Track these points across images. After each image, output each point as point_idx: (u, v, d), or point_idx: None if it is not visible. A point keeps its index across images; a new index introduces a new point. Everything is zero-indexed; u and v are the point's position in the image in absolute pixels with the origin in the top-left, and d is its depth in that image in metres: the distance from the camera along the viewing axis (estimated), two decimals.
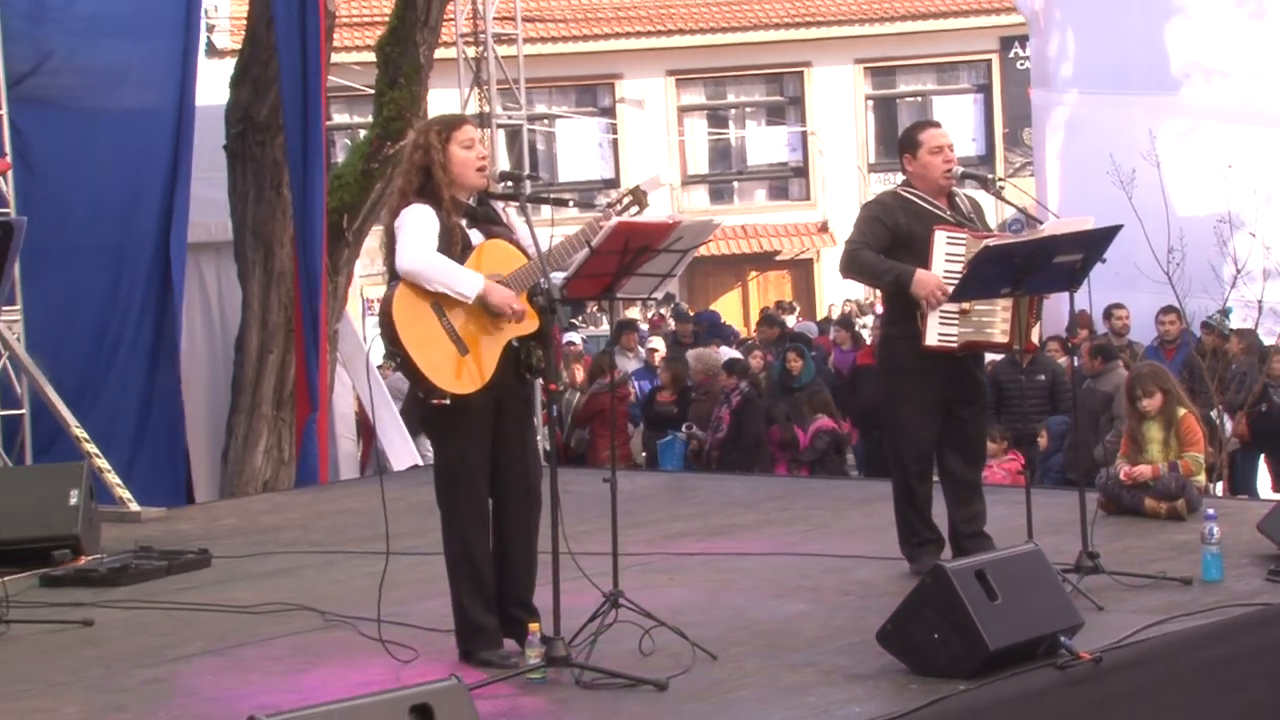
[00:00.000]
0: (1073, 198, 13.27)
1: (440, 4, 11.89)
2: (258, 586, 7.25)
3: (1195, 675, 5.58)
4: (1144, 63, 13.75)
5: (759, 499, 9.22)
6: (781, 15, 27.86)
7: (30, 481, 8.40)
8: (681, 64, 27.62)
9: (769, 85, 28.38)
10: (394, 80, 11.78)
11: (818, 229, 27.56)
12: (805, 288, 27.60)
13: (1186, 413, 8.00)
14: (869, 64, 27.97)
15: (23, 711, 5.13)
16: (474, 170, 5.54)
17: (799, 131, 28.06)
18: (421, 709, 3.96)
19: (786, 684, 5.21)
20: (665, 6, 27.89)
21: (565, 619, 5.30)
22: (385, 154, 11.73)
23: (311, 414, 11.16)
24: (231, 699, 5.39)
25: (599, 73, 27.18)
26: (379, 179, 11.77)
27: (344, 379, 12.37)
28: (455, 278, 5.39)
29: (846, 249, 6.82)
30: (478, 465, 5.54)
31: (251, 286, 11.29)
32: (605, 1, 27.80)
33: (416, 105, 11.77)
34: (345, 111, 22.47)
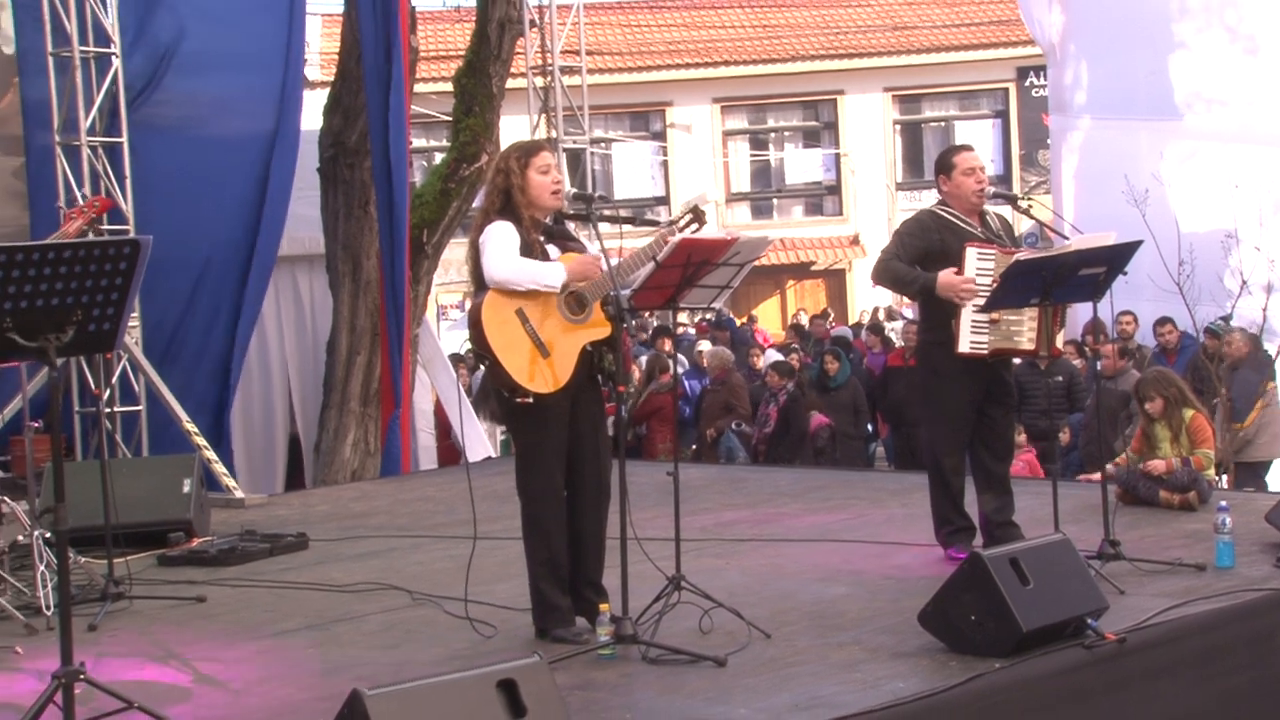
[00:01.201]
0: (1086, 214, 13.16)
1: (511, 39, 11.93)
2: (350, 567, 7.27)
3: (1212, 654, 5.53)
4: (1151, 92, 13.65)
5: (804, 490, 9.16)
6: (817, 48, 27.81)
7: (148, 471, 8.43)
8: (726, 92, 27.60)
9: (805, 111, 28.29)
10: (469, 108, 11.82)
11: (850, 242, 27.52)
12: (838, 295, 27.52)
13: (1195, 413, 7.92)
14: (896, 92, 27.85)
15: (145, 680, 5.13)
16: (549, 193, 5.51)
17: (832, 153, 27.99)
18: (507, 684, 3.95)
19: (835, 661, 5.16)
20: (711, 41, 27.89)
21: (631, 599, 5.28)
22: (461, 175, 11.78)
23: (395, 410, 11.20)
24: (332, 670, 5.40)
25: (651, 100, 27.17)
26: (455, 198, 11.82)
27: (423, 378, 12.40)
28: (541, 273, 5.38)
29: (880, 259, 6.77)
30: (555, 458, 5.52)
31: (341, 295, 11.33)
32: (657, 37, 27.83)
33: (490, 131, 11.81)
34: (423, 136, 22.53)
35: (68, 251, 4.46)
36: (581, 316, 5.48)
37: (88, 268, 4.48)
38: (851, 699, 4.66)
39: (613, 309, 5.37)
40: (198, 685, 5.27)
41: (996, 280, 6.23)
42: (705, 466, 11.39)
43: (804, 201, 28.39)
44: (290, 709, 4.91)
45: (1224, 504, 6.48)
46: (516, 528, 5.75)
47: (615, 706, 4.69)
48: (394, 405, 11.17)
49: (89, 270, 4.48)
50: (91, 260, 4.49)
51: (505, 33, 11.78)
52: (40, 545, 6.50)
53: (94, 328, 4.59)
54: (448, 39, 20.37)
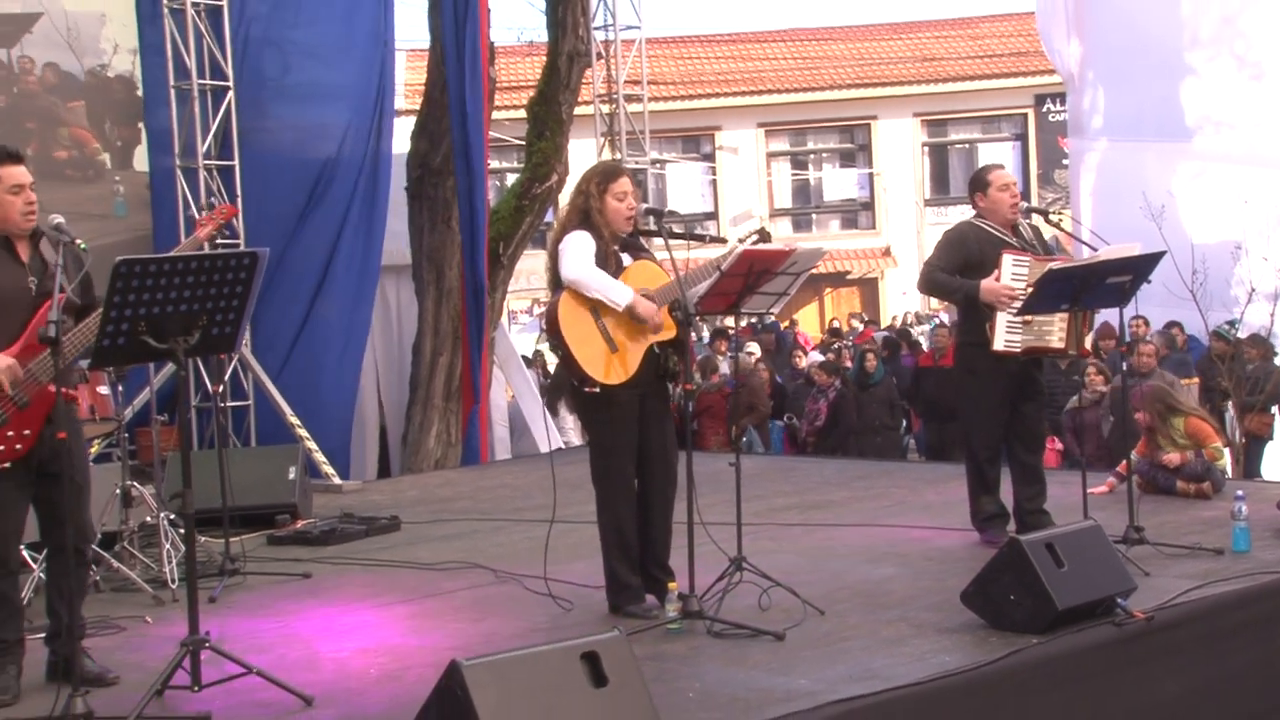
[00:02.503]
0: (1102, 228, 12.86)
1: (579, 71, 11.90)
2: (438, 547, 7.26)
3: (1232, 631, 5.45)
4: (1163, 116, 13.45)
5: (848, 479, 9.08)
6: (852, 78, 27.68)
7: (257, 460, 8.49)
8: (769, 118, 27.51)
9: (841, 135, 28.19)
10: (541, 133, 11.80)
11: (882, 253, 27.38)
12: (871, 302, 27.38)
13: (1187, 418, 7.78)
14: (925, 117, 27.69)
15: (260, 647, 5.14)
16: (624, 218, 5.46)
17: (866, 173, 27.87)
18: (591, 656, 3.91)
19: (885, 636, 5.10)
20: (756, 72, 27.83)
21: (696, 578, 5.25)
22: (533, 193, 11.76)
23: (474, 405, 11.20)
24: (426, 641, 5.40)
25: (702, 125, 27.11)
26: (528, 214, 11.80)
27: (499, 377, 12.39)
28: (610, 289, 5.35)
29: (924, 270, 6.68)
30: (626, 450, 5.49)
31: (426, 302, 11.33)
32: (708, 68, 27.79)
33: (559, 153, 11.79)
34: (499, 159, 22.58)
35: (194, 263, 4.48)
36: None
37: (212, 277, 4.50)
38: (902, 671, 4.61)
39: (680, 314, 5.33)
40: (307, 653, 5.28)
41: (1030, 285, 6.15)
42: (756, 457, 11.32)
43: (840, 216, 28.28)
44: (390, 676, 4.90)
45: (1240, 493, 6.42)
46: (589, 512, 5.74)
47: (684, 676, 4.65)
48: (473, 401, 11.17)
49: (213, 280, 4.50)
50: (215, 270, 4.50)
51: (574, 65, 11.75)
52: (166, 526, 6.55)
53: (217, 331, 4.61)
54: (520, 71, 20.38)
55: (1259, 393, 10.73)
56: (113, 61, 9.98)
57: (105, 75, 10.05)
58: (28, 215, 4.69)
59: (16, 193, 4.68)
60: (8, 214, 4.67)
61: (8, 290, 4.66)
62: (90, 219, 9.35)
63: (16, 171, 4.69)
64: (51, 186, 8.73)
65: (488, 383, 11.49)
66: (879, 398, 12.58)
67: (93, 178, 9.75)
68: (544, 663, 3.86)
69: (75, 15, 9.42)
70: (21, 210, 4.68)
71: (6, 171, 4.67)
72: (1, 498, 4.70)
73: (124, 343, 4.41)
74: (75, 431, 4.91)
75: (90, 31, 9.61)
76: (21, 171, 4.71)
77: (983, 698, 4.60)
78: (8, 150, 4.74)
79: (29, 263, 4.73)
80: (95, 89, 9.90)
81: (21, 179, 4.69)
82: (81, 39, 9.54)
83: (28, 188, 4.70)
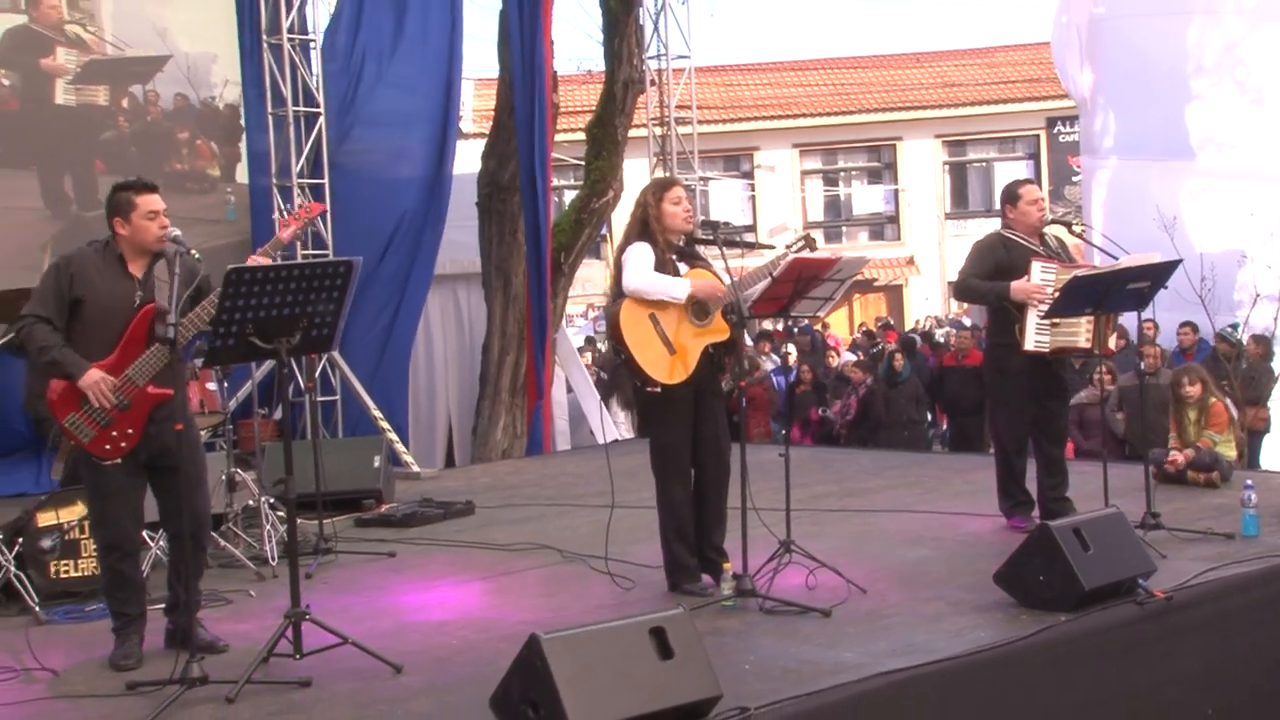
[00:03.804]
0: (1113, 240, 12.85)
1: (634, 96, 11.87)
2: (509, 530, 7.24)
3: (1245, 610, 5.37)
4: (1169, 136, 13.25)
5: (882, 468, 9.00)
6: (880, 102, 27.49)
7: (345, 450, 8.50)
8: (803, 139, 27.36)
9: (869, 154, 28.01)
10: (599, 153, 11.77)
11: (906, 262, 27.18)
12: (897, 307, 27.17)
13: (1217, 401, 7.72)
14: (945, 138, 27.45)
15: (352, 619, 5.13)
16: (680, 220, 5.43)
17: (892, 189, 27.68)
18: (658, 631, 3.87)
19: (924, 613, 5.04)
20: (792, 97, 27.70)
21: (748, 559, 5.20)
22: (591, 208, 11.73)
23: (538, 400, 11.19)
24: (502, 614, 5.39)
25: (741, 146, 26.99)
26: (587, 226, 11.77)
27: (559, 375, 12.39)
28: (670, 286, 5.32)
29: (959, 278, 6.61)
30: (683, 441, 5.45)
31: (494, 306, 11.34)
32: (747, 94, 27.69)
33: (615, 172, 11.76)
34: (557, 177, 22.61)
35: (296, 270, 4.48)
36: (705, 322, 5.40)
37: (312, 283, 4.50)
38: (941, 645, 4.55)
39: (734, 317, 5.29)
40: (395, 625, 5.28)
41: (1057, 289, 6.07)
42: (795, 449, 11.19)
43: (868, 229, 28.10)
44: (471, 647, 4.88)
45: (1250, 482, 6.31)
46: (644, 499, 5.71)
47: (740, 650, 4.61)
48: (537, 396, 11.17)
49: (313, 285, 4.50)
50: (315, 277, 4.51)
51: (629, 91, 11.71)
52: (266, 509, 6.58)
53: (316, 333, 4.61)
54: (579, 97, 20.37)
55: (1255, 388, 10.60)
56: (221, 93, 10.25)
57: (214, 105, 10.31)
58: (160, 238, 4.73)
59: (152, 218, 4.72)
60: (144, 236, 4.72)
61: (116, 301, 4.68)
62: (206, 223, 9.74)
63: (153, 199, 4.74)
64: (173, 197, 9.12)
65: (550, 380, 11.49)
66: (906, 394, 12.48)
67: (206, 189, 10.04)
68: (615, 636, 3.83)
69: (192, 56, 9.86)
70: (156, 234, 4.72)
71: (144, 199, 4.72)
72: (115, 488, 4.73)
73: (234, 343, 4.44)
74: (189, 425, 4.93)
75: (203, 68, 10.00)
76: (157, 199, 4.76)
77: (1016, 671, 4.54)
78: (145, 182, 4.81)
79: (141, 278, 4.75)
80: (206, 116, 10.18)
81: (157, 206, 4.74)
82: (197, 75, 9.94)
83: (162, 214, 4.75)
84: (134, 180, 4.81)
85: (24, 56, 8.75)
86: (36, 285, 4.78)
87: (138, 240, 4.71)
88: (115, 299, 4.68)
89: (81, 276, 4.67)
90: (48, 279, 4.70)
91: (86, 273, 4.68)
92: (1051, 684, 4.63)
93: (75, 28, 9.06)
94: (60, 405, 4.64)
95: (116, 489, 4.73)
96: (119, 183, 4.82)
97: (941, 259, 27.08)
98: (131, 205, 4.70)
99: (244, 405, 8.55)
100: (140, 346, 4.64)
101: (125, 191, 4.73)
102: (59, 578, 5.83)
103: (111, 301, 4.67)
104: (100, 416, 4.63)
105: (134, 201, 4.70)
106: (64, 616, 5.56)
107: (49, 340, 4.61)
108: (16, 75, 8.76)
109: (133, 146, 9.50)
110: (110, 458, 4.66)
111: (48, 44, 8.93)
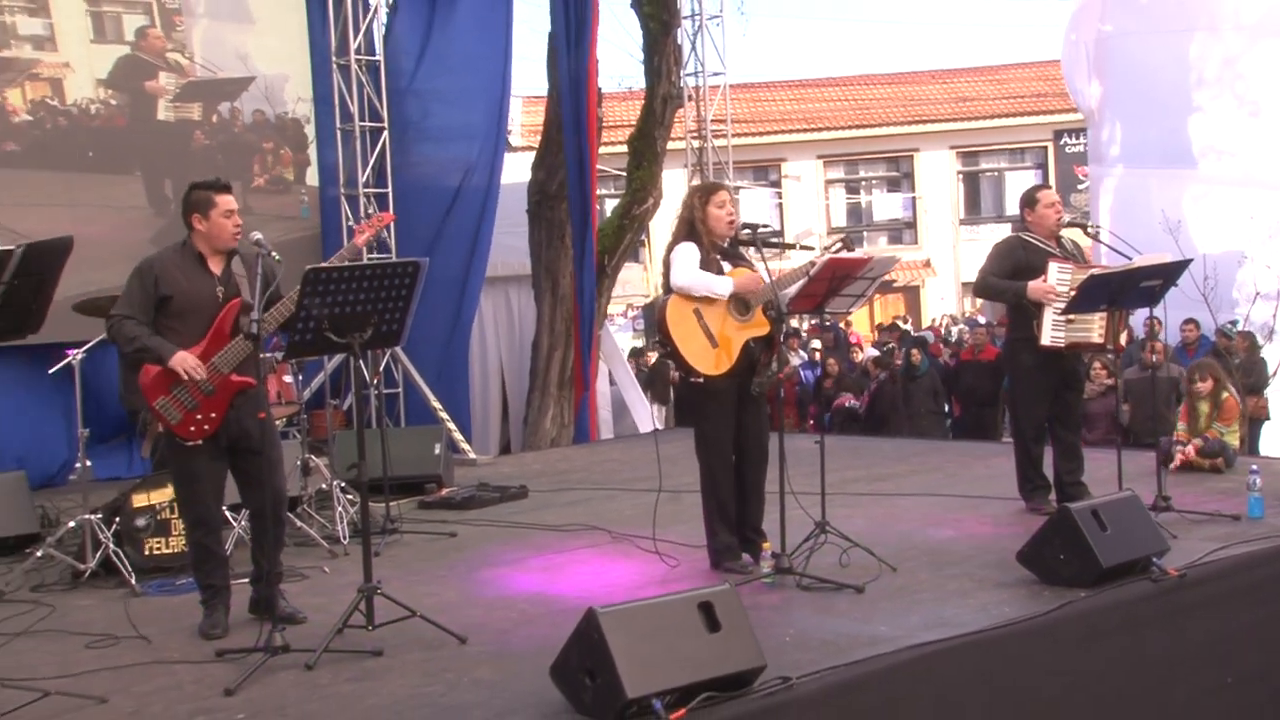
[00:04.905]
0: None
1: (672, 111, 11.81)
2: (561, 512, 7.22)
3: (1252, 587, 5.27)
4: (1172, 145, 13.08)
5: (906, 455, 8.91)
6: (897, 116, 27.28)
7: (408, 437, 8.50)
8: (827, 150, 27.19)
9: (888, 164, 27.80)
10: (640, 164, 11.72)
11: (923, 265, 26.97)
12: (914, 306, 26.97)
13: (1229, 396, 7.58)
14: (959, 149, 27.21)
15: (419, 594, 5.13)
16: (724, 224, 5.38)
17: (910, 197, 27.48)
18: (706, 605, 3.82)
19: (951, 589, 4.97)
20: (816, 112, 27.54)
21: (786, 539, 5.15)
22: (633, 215, 11.68)
23: (584, 393, 11.16)
24: (557, 590, 5.36)
25: (770, 157, 26.85)
26: (629, 232, 11.73)
27: (603, 369, 12.35)
28: (714, 283, 5.27)
29: (979, 277, 6.51)
30: (725, 430, 5.39)
31: (543, 306, 11.31)
32: (775, 109, 27.54)
33: (655, 181, 11.70)
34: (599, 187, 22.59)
35: (368, 270, 4.47)
36: (746, 318, 5.35)
37: (382, 283, 4.48)
38: (969, 619, 4.49)
39: (773, 313, 5.23)
40: (458, 599, 5.26)
41: (1073, 289, 5.97)
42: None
43: (887, 234, 27.89)
44: (529, 620, 4.86)
45: (1255, 467, 6.22)
46: (686, 483, 5.68)
47: (779, 624, 4.56)
48: (583, 389, 11.14)
49: (383, 284, 4.48)
50: (385, 277, 4.49)
51: (668, 106, 11.65)
52: (337, 492, 6.58)
53: (385, 328, 4.60)
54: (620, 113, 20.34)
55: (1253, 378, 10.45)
56: (293, 109, 10.45)
57: (288, 119, 10.49)
58: (235, 234, 4.72)
59: (228, 216, 4.71)
60: (220, 233, 4.71)
61: (201, 297, 4.69)
62: (283, 220, 10.12)
63: (228, 199, 4.74)
64: (256, 198, 9.94)
65: (595, 373, 11.46)
66: (924, 387, 12.36)
67: (282, 190, 10.32)
68: (666, 610, 3.78)
69: (269, 76, 10.17)
70: (231, 230, 4.72)
71: (221, 198, 4.71)
72: (199, 468, 4.74)
73: (311, 338, 4.43)
74: (268, 412, 4.93)
75: (278, 87, 10.29)
76: (231, 199, 4.75)
77: (1040, 642, 4.47)
78: (221, 181, 4.79)
79: (219, 275, 4.75)
80: (280, 128, 10.38)
81: (232, 205, 4.74)
82: (273, 93, 10.25)
83: (236, 212, 4.74)
84: (211, 180, 4.78)
85: (131, 81, 9.37)
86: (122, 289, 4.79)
87: (214, 235, 4.69)
88: (199, 295, 4.69)
89: (166, 276, 4.67)
90: (133, 281, 4.70)
91: (170, 272, 4.68)
92: (1073, 655, 4.55)
93: (175, 54, 9.57)
94: (151, 389, 4.65)
95: (202, 471, 4.74)
96: (196, 182, 4.79)
97: (956, 261, 26.85)
98: (210, 203, 4.68)
99: (315, 396, 8.57)
100: (225, 338, 4.65)
101: (203, 190, 4.72)
102: (152, 554, 5.86)
103: (196, 297, 4.68)
104: (187, 400, 4.64)
105: (213, 200, 4.69)
106: (157, 589, 5.60)
107: (137, 331, 4.62)
108: (125, 96, 9.35)
109: (219, 155, 9.86)
110: (194, 439, 4.67)
111: (151, 69, 9.51)
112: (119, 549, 5.75)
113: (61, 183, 8.98)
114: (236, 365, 4.65)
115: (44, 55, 8.99)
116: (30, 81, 8.91)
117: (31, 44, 8.95)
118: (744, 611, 3.89)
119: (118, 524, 5.84)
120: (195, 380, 4.60)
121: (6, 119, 8.82)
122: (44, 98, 9.00)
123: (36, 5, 9.02)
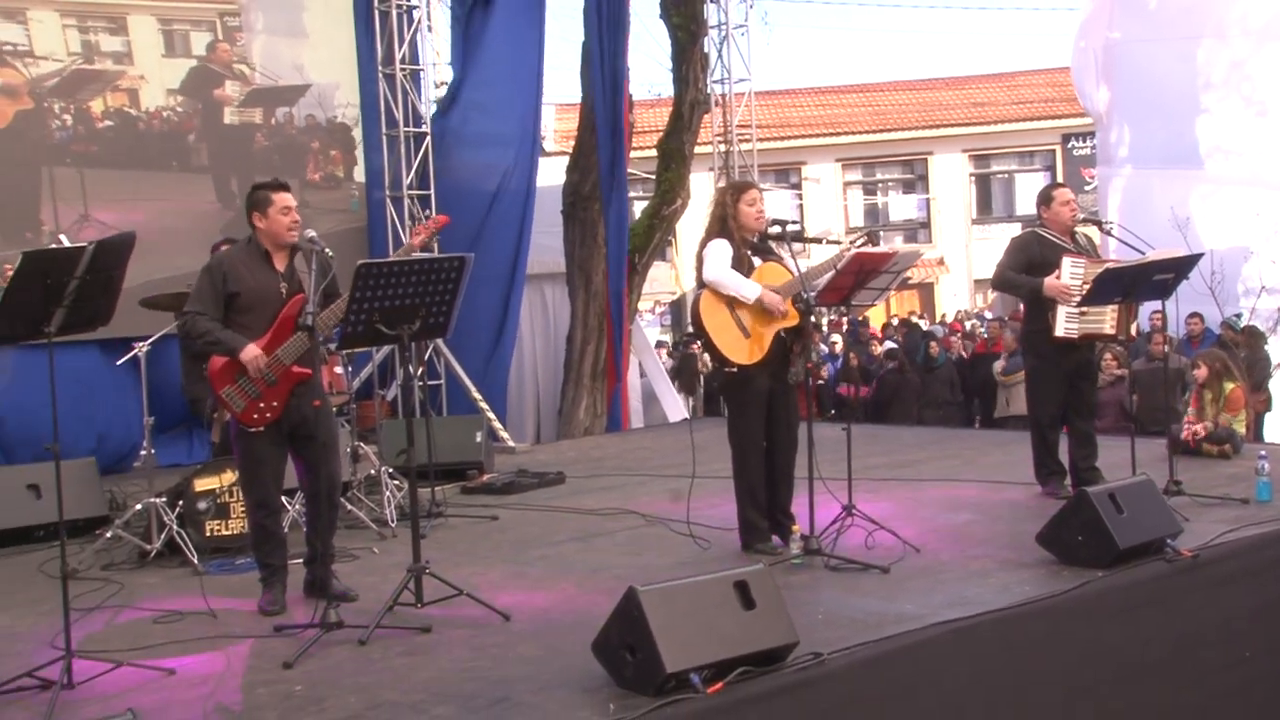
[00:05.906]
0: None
1: (699, 116, 11.74)
2: (597, 497, 7.19)
3: (1263, 568, 5.19)
4: (1180, 146, 12.90)
5: (925, 442, 8.84)
6: (913, 121, 27.10)
7: (450, 426, 8.47)
8: (845, 154, 27.06)
9: (904, 167, 27.65)
10: (668, 166, 11.66)
11: (937, 263, 26.80)
12: (929, 302, 26.84)
13: (1235, 386, 7.45)
14: (972, 152, 27.00)
15: (466, 575, 5.11)
16: (754, 221, 5.34)
17: (924, 198, 27.32)
18: (741, 584, 3.79)
19: (974, 569, 4.92)
20: (835, 117, 27.43)
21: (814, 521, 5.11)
22: (662, 215, 11.63)
23: (616, 384, 11.14)
24: (594, 571, 5.33)
25: (791, 160, 26.70)
26: (658, 231, 11.68)
27: (633, 361, 12.31)
28: (741, 286, 5.23)
29: (996, 271, 6.44)
30: (757, 418, 5.36)
31: (577, 302, 11.28)
32: (796, 115, 27.42)
33: (683, 183, 11.65)
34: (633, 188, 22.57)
35: (417, 265, 4.46)
36: None
37: (430, 277, 4.48)
38: (991, 598, 4.44)
39: (802, 306, 5.19)
40: (502, 579, 5.25)
41: (1086, 283, 5.90)
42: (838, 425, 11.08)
43: (903, 233, 27.69)
44: (568, 599, 4.85)
45: (1263, 452, 6.17)
46: (715, 469, 5.64)
47: (809, 603, 4.52)
48: (615, 380, 11.11)
49: (431, 279, 4.48)
50: (433, 272, 4.49)
51: (695, 111, 11.60)
52: (385, 478, 6.59)
53: (432, 321, 4.59)
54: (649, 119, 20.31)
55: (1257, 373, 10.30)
56: (342, 113, 10.61)
57: (337, 123, 10.63)
58: (292, 230, 4.73)
59: (285, 213, 4.72)
60: (278, 229, 4.72)
61: (266, 291, 4.70)
62: (335, 213, 10.41)
63: (286, 196, 4.75)
64: (311, 193, 10.32)
65: (627, 365, 11.43)
66: (941, 378, 12.28)
67: (334, 186, 10.59)
68: (703, 589, 3.76)
69: (321, 85, 10.48)
70: (288, 226, 4.72)
71: (279, 196, 4.72)
72: (261, 453, 4.75)
73: (363, 330, 4.43)
74: (324, 400, 4.93)
75: (329, 94, 10.55)
76: (289, 196, 4.76)
77: (1060, 620, 4.42)
78: (278, 181, 4.82)
79: (283, 271, 4.76)
80: (331, 131, 10.57)
81: (289, 202, 4.75)
82: (324, 99, 10.52)
83: (294, 209, 4.75)
84: (270, 180, 4.81)
85: (202, 90, 9.89)
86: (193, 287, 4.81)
87: (272, 231, 4.70)
88: (264, 290, 4.70)
89: (233, 274, 4.69)
90: (203, 279, 4.72)
91: (237, 270, 4.70)
92: (1091, 631, 4.50)
93: (240, 65, 10.03)
94: (218, 379, 4.68)
95: (265, 456, 4.76)
96: (257, 182, 4.83)
97: (968, 259, 26.67)
98: (269, 201, 4.70)
99: (364, 387, 8.59)
100: (288, 331, 4.66)
101: (263, 190, 4.74)
102: (213, 535, 5.89)
103: (261, 292, 4.70)
104: (251, 390, 4.66)
105: (271, 198, 4.70)
106: (218, 569, 5.62)
107: (209, 326, 4.65)
108: (195, 103, 9.87)
109: (276, 155, 10.17)
110: (256, 426, 4.69)
111: (219, 79, 10.00)
112: (182, 530, 5.78)
113: (138, 180, 9.48)
114: (298, 357, 4.66)
115: (123, 68, 9.53)
116: (110, 92, 9.46)
117: (112, 59, 9.49)
118: (778, 590, 3.86)
119: (181, 507, 5.87)
120: (259, 372, 4.61)
121: (91, 124, 9.33)
122: (121, 106, 9.51)
123: (116, 25, 9.58)
